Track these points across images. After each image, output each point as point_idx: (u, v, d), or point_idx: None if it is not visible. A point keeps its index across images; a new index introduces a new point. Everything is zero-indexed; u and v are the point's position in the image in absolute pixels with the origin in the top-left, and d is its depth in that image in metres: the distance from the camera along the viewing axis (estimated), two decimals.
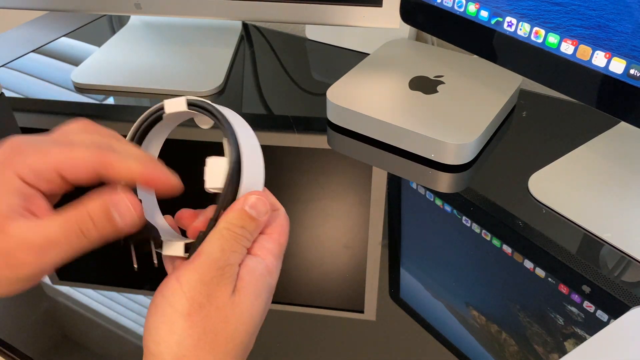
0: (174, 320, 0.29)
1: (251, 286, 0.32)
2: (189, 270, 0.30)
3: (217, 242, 0.31)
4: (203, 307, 0.30)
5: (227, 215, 0.32)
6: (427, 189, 0.57)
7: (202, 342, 0.30)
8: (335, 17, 0.66)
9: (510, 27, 0.52)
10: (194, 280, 0.30)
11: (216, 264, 0.31)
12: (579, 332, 0.43)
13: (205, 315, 0.30)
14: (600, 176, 0.55)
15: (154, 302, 0.30)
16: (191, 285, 0.30)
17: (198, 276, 0.30)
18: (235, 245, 0.32)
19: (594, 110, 0.49)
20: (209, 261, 0.31)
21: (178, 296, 0.30)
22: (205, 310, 0.30)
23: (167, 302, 0.30)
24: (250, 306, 0.32)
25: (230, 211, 0.32)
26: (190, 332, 0.29)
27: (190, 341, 0.29)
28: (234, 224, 0.32)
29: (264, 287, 0.33)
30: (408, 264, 0.50)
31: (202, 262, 0.31)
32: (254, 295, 0.32)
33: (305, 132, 0.66)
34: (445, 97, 0.63)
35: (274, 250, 0.34)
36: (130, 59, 0.78)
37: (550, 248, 0.50)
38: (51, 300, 0.48)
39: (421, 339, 0.44)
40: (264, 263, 0.33)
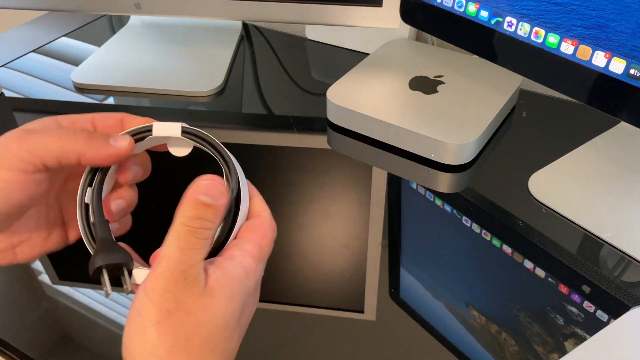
0: (145, 330, 0.29)
1: (225, 288, 0.30)
2: (153, 278, 0.29)
3: (175, 243, 0.30)
4: (172, 313, 0.29)
5: (181, 208, 0.31)
6: (427, 189, 0.57)
7: (175, 348, 0.29)
8: (335, 17, 0.66)
9: (510, 27, 0.52)
10: (159, 288, 0.29)
11: (177, 268, 0.29)
12: (579, 332, 0.43)
13: (175, 321, 0.29)
14: (600, 176, 0.55)
15: (129, 314, 0.30)
16: (157, 293, 0.29)
17: (162, 283, 0.29)
18: (193, 241, 0.30)
19: (594, 110, 0.49)
20: (170, 265, 0.30)
21: (146, 306, 0.29)
22: (174, 317, 0.29)
23: (137, 313, 0.29)
24: (224, 308, 0.30)
25: (183, 203, 0.31)
26: (162, 340, 0.28)
27: (163, 349, 0.28)
28: (189, 217, 0.30)
29: (240, 289, 0.31)
30: (408, 264, 0.50)
31: (164, 268, 0.30)
32: (227, 298, 0.30)
33: (305, 132, 0.66)
34: (445, 97, 0.63)
35: (253, 252, 0.33)
36: (130, 59, 0.78)
37: (550, 248, 0.50)
38: (51, 300, 0.48)
39: (421, 339, 0.44)
40: (241, 265, 0.32)
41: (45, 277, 0.50)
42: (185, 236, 0.30)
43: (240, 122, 0.69)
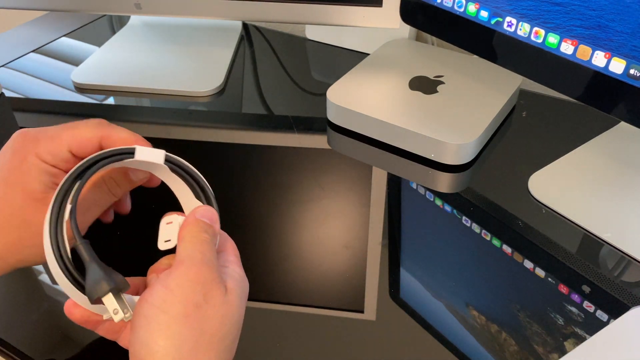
0: (169, 326, 0.29)
1: (237, 289, 0.32)
2: (178, 276, 0.30)
3: (192, 247, 0.32)
4: (200, 307, 0.30)
5: (187, 228, 0.33)
6: (427, 189, 0.57)
7: (200, 343, 0.29)
8: (335, 17, 0.66)
9: (510, 27, 0.52)
10: (186, 284, 0.30)
11: (206, 265, 0.31)
12: (579, 332, 0.43)
13: (202, 315, 0.29)
14: (600, 176, 0.55)
15: (142, 314, 0.30)
16: (184, 289, 0.30)
17: (190, 278, 0.30)
18: (207, 246, 0.32)
19: (594, 110, 0.49)
20: (197, 263, 0.31)
21: (170, 302, 0.29)
22: (202, 311, 0.30)
23: (160, 310, 0.29)
24: (238, 307, 0.32)
25: (188, 224, 0.33)
26: (188, 334, 0.29)
27: (189, 344, 0.29)
28: (197, 231, 0.33)
29: (244, 291, 0.34)
30: (408, 264, 0.50)
31: (190, 266, 0.31)
32: (239, 297, 0.32)
33: (305, 132, 0.66)
34: (445, 97, 0.63)
35: (237, 262, 0.35)
36: (130, 59, 0.78)
37: (550, 248, 0.50)
38: (51, 300, 0.48)
39: (421, 339, 0.44)
40: (237, 272, 0.34)
41: (45, 277, 0.50)
42: (200, 243, 0.32)
43: (240, 122, 0.69)
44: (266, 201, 0.56)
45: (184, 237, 0.33)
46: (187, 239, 0.33)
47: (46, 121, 0.70)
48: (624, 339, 0.40)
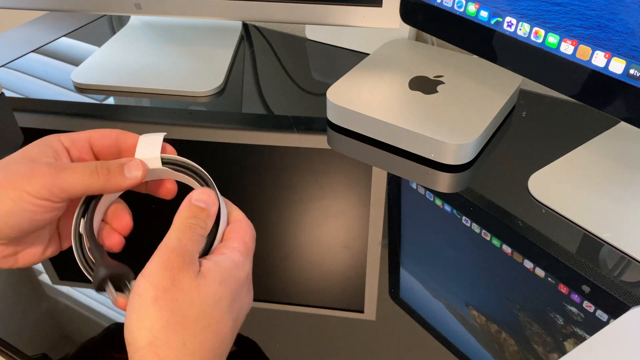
0: (143, 308, 0.31)
1: (215, 275, 0.34)
2: (151, 262, 0.33)
3: (173, 234, 0.34)
4: (168, 290, 0.32)
5: (179, 213, 0.35)
6: (427, 189, 0.57)
7: (171, 323, 0.31)
8: (335, 17, 0.66)
9: (510, 27, 0.52)
10: (156, 269, 0.32)
11: (175, 252, 0.33)
12: (579, 332, 0.43)
13: (171, 298, 0.32)
14: (600, 176, 0.55)
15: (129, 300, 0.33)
16: (154, 273, 0.32)
17: (159, 264, 0.32)
18: (190, 233, 0.34)
19: (594, 110, 0.49)
20: (168, 250, 0.33)
21: (144, 286, 0.32)
22: (170, 294, 0.32)
23: (136, 294, 0.32)
24: (214, 290, 0.33)
25: (181, 208, 0.35)
26: (159, 314, 0.31)
27: (160, 323, 0.31)
28: (185, 217, 0.35)
29: (229, 277, 0.34)
30: (408, 264, 0.50)
31: (162, 252, 0.33)
32: (217, 282, 0.33)
33: (305, 132, 0.66)
34: (445, 97, 0.63)
35: (240, 248, 0.36)
36: (130, 59, 0.78)
37: (550, 248, 0.50)
38: (51, 300, 0.48)
39: (421, 339, 0.44)
40: (230, 258, 0.35)
41: (45, 277, 0.50)
42: (183, 229, 0.34)
43: (240, 122, 0.69)
44: (266, 201, 0.56)
45: (173, 223, 0.35)
46: (174, 225, 0.35)
47: (46, 121, 0.70)
48: (624, 339, 0.40)
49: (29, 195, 0.35)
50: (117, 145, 0.40)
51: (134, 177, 0.38)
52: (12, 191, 0.35)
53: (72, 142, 0.38)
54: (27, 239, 0.38)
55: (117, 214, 0.41)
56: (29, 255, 0.39)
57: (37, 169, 0.35)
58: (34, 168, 0.35)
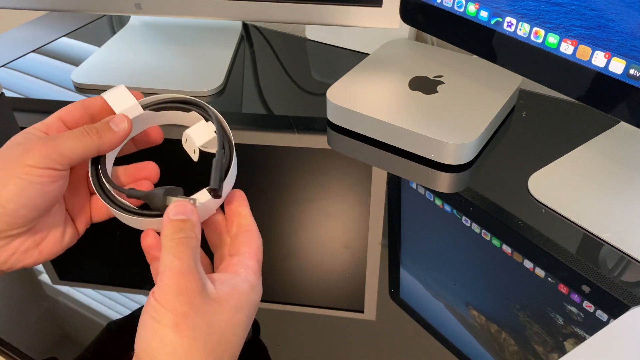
0: (164, 334, 0.31)
1: (233, 300, 0.34)
2: (161, 287, 0.32)
3: (170, 253, 0.33)
4: (187, 316, 0.31)
5: (163, 234, 0.35)
6: (427, 189, 0.57)
7: (193, 350, 0.31)
8: (335, 17, 0.66)
9: (510, 27, 0.52)
10: (170, 294, 0.32)
11: (182, 273, 0.32)
12: (579, 332, 0.43)
13: (191, 323, 0.31)
14: (600, 176, 0.55)
15: (142, 319, 0.32)
16: (169, 299, 0.32)
17: (172, 289, 0.32)
18: (184, 249, 0.34)
19: (594, 110, 0.49)
20: (174, 272, 0.33)
21: (161, 312, 0.31)
22: (190, 319, 0.31)
23: (153, 319, 0.32)
24: (232, 317, 0.33)
25: (163, 228, 0.35)
26: (180, 342, 0.31)
27: (182, 350, 0.31)
28: (172, 233, 0.34)
29: (246, 302, 0.35)
30: (408, 264, 0.50)
31: (169, 276, 0.32)
32: (235, 308, 0.34)
33: (305, 132, 0.66)
34: (445, 97, 0.63)
35: (254, 268, 0.37)
36: (130, 59, 0.78)
37: (550, 248, 0.50)
38: (51, 300, 0.48)
39: (421, 339, 0.44)
40: (248, 281, 0.35)
41: (45, 277, 0.50)
42: (176, 246, 0.34)
43: (240, 122, 0.69)
44: (266, 201, 0.56)
45: (162, 245, 0.34)
46: (164, 246, 0.34)
47: None
48: (624, 339, 0.40)
49: (32, 167, 0.35)
50: (88, 114, 0.40)
51: (122, 129, 0.39)
52: (15, 169, 0.35)
53: (47, 127, 0.38)
54: (43, 223, 0.38)
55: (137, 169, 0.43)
56: (50, 244, 0.39)
57: (31, 144, 0.36)
58: (26, 145, 0.36)
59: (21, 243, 0.37)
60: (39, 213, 0.37)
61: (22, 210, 0.35)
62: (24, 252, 0.38)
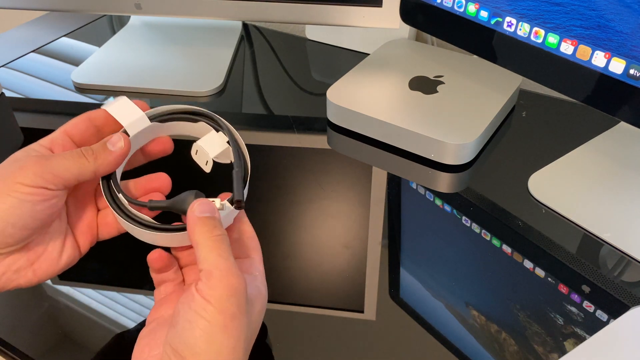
0: (212, 333, 0.32)
1: (260, 301, 0.37)
2: (212, 287, 0.32)
3: (213, 253, 0.34)
4: (235, 317, 0.32)
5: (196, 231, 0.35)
6: (427, 189, 0.57)
7: (236, 349, 0.32)
8: (335, 17, 0.66)
9: (510, 27, 0.52)
10: (222, 295, 0.32)
11: (229, 272, 0.33)
12: (579, 332, 0.43)
13: (238, 324, 0.33)
14: (600, 176, 0.55)
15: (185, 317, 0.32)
16: (221, 301, 0.32)
17: (223, 290, 0.32)
18: (225, 247, 0.34)
19: (594, 110, 0.49)
20: (226, 273, 0.33)
21: (210, 312, 0.32)
22: (237, 320, 0.32)
23: (202, 318, 0.32)
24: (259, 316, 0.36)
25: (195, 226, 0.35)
26: (227, 342, 0.32)
27: (227, 350, 0.32)
28: (206, 231, 0.34)
29: (264, 304, 0.37)
30: (408, 264, 0.50)
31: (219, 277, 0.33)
32: (261, 308, 0.37)
33: (305, 132, 0.66)
34: (445, 97, 0.63)
35: (262, 270, 0.39)
36: (130, 59, 0.78)
37: (550, 248, 0.50)
38: (51, 300, 0.48)
39: (421, 339, 0.44)
40: (264, 285, 0.38)
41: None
42: (219, 245, 0.34)
43: (240, 122, 0.69)
44: (266, 201, 0.56)
45: (198, 242, 0.34)
46: (203, 245, 0.34)
47: (46, 121, 0.70)
48: (624, 339, 0.40)
49: (22, 185, 0.34)
50: (94, 126, 0.40)
51: (119, 149, 0.38)
52: (6, 187, 0.34)
53: (52, 142, 0.38)
54: (37, 242, 0.37)
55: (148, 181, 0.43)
56: (45, 263, 0.38)
57: (26, 162, 0.35)
58: (22, 162, 0.35)
59: (13, 262, 0.36)
60: (30, 232, 0.36)
61: (9, 228, 0.34)
62: (16, 271, 0.37)
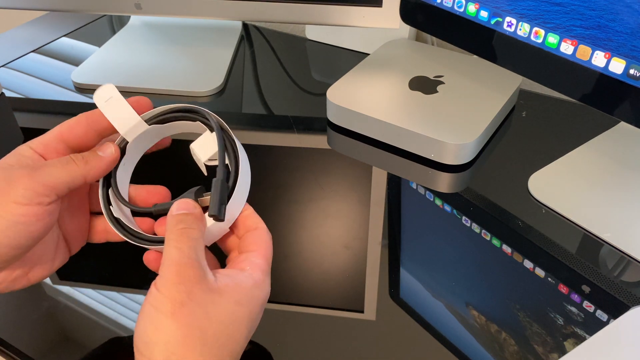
0: (160, 321, 0.31)
1: (234, 293, 0.33)
2: (161, 276, 0.32)
3: (171, 244, 0.33)
4: (184, 304, 0.31)
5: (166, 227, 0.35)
6: (427, 189, 0.57)
7: (188, 338, 0.31)
8: (335, 17, 0.66)
9: (510, 27, 0.52)
10: (169, 282, 0.32)
11: (181, 262, 0.32)
12: (579, 332, 0.43)
13: (188, 312, 0.31)
14: (600, 176, 0.55)
15: (142, 308, 0.32)
16: (168, 287, 0.32)
17: (171, 277, 0.32)
18: (185, 239, 0.34)
19: (594, 110, 0.49)
20: (174, 262, 0.32)
21: (159, 300, 0.31)
22: (187, 308, 0.31)
23: (152, 307, 0.31)
24: (232, 310, 0.33)
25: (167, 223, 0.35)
26: (176, 329, 0.31)
27: (177, 338, 0.31)
28: (171, 227, 0.34)
29: (248, 298, 0.34)
30: (408, 264, 0.50)
31: (169, 265, 0.32)
32: (235, 301, 0.33)
33: (305, 132, 0.66)
34: (445, 97, 0.63)
35: (262, 266, 0.36)
36: (130, 59, 0.78)
37: (550, 248, 0.50)
38: (51, 300, 0.48)
39: (421, 339, 0.44)
40: (252, 278, 0.35)
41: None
42: (177, 238, 0.34)
43: (240, 122, 0.69)
44: (266, 201, 0.56)
45: (165, 238, 0.34)
46: (166, 239, 0.34)
47: (46, 121, 0.70)
48: (624, 339, 0.40)
49: (16, 205, 0.33)
50: (92, 129, 0.39)
51: (109, 154, 0.38)
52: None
53: (45, 147, 0.37)
54: (32, 255, 0.37)
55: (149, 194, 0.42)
56: (39, 271, 0.38)
57: (13, 175, 0.34)
58: (9, 176, 0.34)
59: (9, 274, 0.36)
60: (23, 251, 0.35)
61: (5, 250, 0.34)
62: (13, 281, 0.37)
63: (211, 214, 0.35)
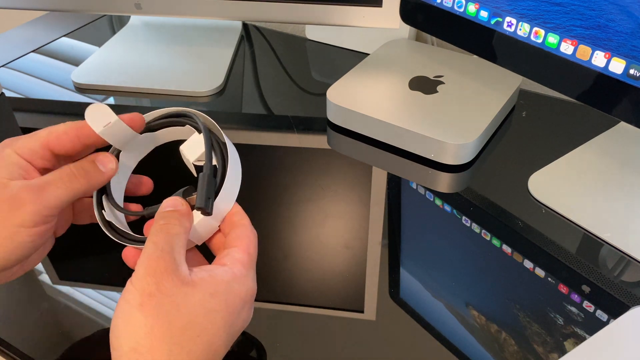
0: (129, 314, 0.31)
1: (208, 285, 0.33)
2: (136, 269, 0.33)
3: (150, 239, 0.34)
4: (153, 296, 0.31)
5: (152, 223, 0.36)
6: (427, 189, 0.57)
7: (155, 329, 0.31)
8: (335, 17, 0.66)
9: (510, 27, 0.52)
10: (140, 274, 0.32)
11: (154, 255, 0.33)
12: (579, 332, 0.43)
13: (156, 303, 0.31)
14: (600, 176, 0.55)
15: (117, 304, 0.32)
16: (139, 279, 0.32)
17: (142, 269, 0.32)
18: (163, 235, 0.34)
19: (594, 110, 0.49)
20: (146, 256, 0.33)
21: (130, 292, 0.32)
22: (155, 299, 0.31)
23: (123, 299, 0.32)
24: (205, 301, 0.32)
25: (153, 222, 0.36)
26: (144, 321, 0.31)
27: (144, 329, 0.31)
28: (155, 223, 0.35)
29: (225, 290, 0.34)
30: (408, 264, 0.50)
31: (143, 258, 0.33)
32: (209, 293, 0.33)
33: (305, 132, 0.66)
34: (445, 97, 0.63)
35: (244, 260, 0.36)
36: (130, 59, 0.78)
37: (550, 248, 0.50)
38: (51, 300, 0.48)
39: (421, 339, 0.44)
40: (231, 271, 0.35)
41: (45, 277, 0.50)
42: (155, 233, 0.34)
43: (240, 122, 0.69)
44: (266, 201, 0.56)
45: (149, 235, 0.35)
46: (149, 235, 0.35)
47: (46, 121, 0.70)
48: (624, 339, 0.40)
49: (24, 229, 0.35)
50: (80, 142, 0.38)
51: (110, 170, 0.39)
52: (5, 230, 0.34)
53: (32, 153, 0.37)
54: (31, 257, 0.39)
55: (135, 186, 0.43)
56: (32, 263, 0.40)
57: (18, 199, 0.35)
58: (13, 198, 0.35)
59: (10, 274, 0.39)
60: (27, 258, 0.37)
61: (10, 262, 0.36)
62: (10, 275, 0.39)
63: (198, 206, 0.36)
